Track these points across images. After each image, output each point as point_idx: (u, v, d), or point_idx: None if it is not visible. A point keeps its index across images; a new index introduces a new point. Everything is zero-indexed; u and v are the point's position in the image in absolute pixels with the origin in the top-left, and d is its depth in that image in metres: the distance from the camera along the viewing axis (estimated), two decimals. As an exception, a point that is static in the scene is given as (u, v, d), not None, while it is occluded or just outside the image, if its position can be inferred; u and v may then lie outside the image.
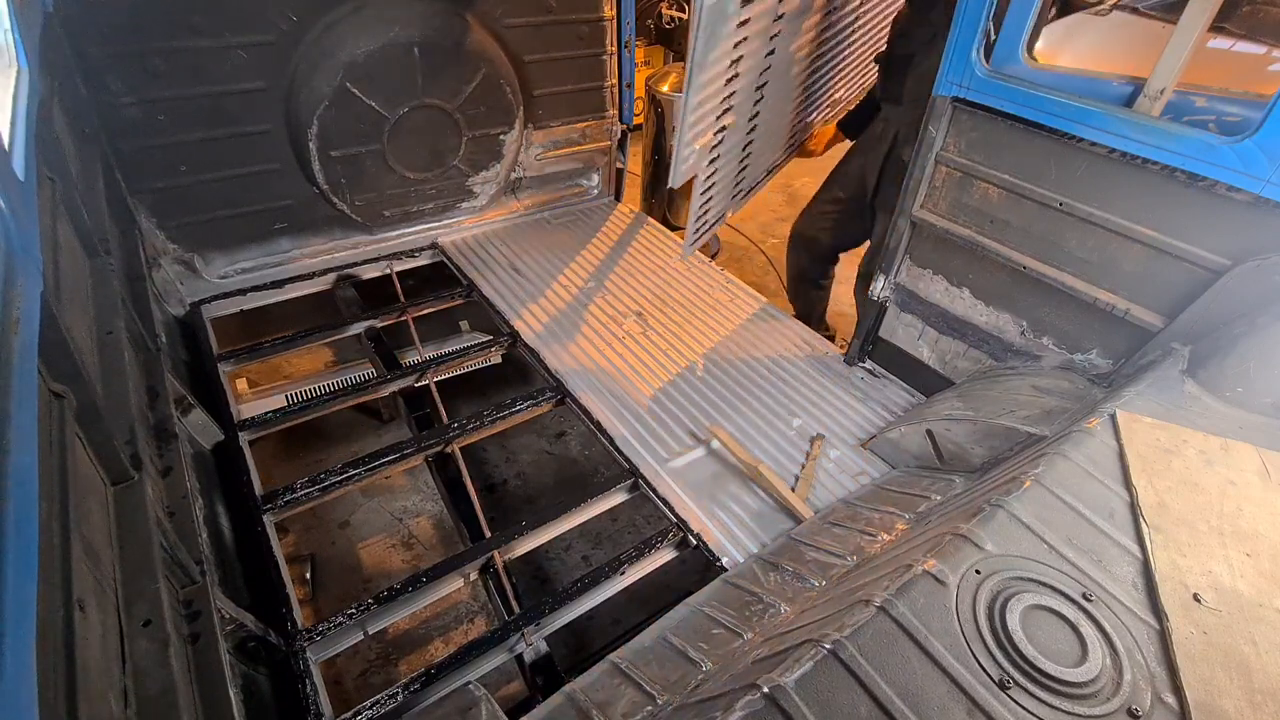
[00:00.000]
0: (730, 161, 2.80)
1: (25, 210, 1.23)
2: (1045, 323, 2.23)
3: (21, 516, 0.80)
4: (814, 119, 3.56)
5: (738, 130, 2.67)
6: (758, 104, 2.70)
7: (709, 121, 2.38)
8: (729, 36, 2.14)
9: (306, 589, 2.51)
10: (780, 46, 2.59)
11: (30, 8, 1.88)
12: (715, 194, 2.80)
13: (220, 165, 2.77)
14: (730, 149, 2.71)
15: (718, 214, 3.04)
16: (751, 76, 2.50)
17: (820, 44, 2.99)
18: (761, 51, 2.48)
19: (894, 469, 2.33)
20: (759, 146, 3.01)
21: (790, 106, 3.13)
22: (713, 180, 2.69)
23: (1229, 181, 1.70)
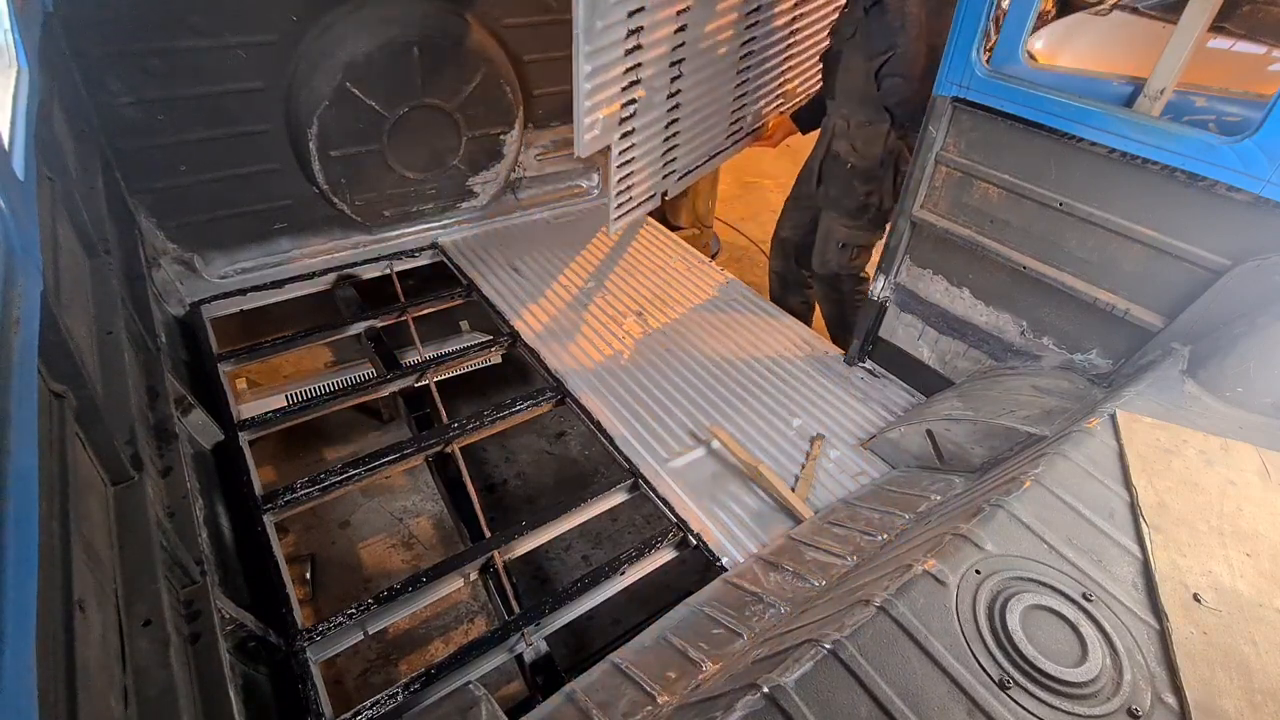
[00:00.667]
0: (652, 138, 2.84)
1: (25, 210, 1.23)
2: (1045, 323, 2.23)
3: (22, 516, 0.80)
4: (763, 108, 3.56)
5: (654, 106, 2.72)
6: (676, 80, 2.75)
7: (612, 92, 2.43)
8: (617, 5, 2.19)
9: (306, 589, 2.51)
10: (694, 23, 2.64)
11: (30, 7, 1.88)
12: (638, 169, 2.86)
13: (220, 165, 2.77)
14: (649, 124, 2.75)
15: (647, 191, 3.08)
16: (660, 50, 2.55)
17: (752, 28, 3.02)
18: (667, 26, 2.53)
19: (894, 469, 2.33)
20: (689, 126, 3.04)
21: (727, 90, 3.17)
22: (630, 155, 2.74)
23: (1229, 181, 1.70)
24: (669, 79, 2.70)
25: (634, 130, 2.67)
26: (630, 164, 2.77)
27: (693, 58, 2.75)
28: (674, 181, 3.23)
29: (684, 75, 2.76)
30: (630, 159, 2.75)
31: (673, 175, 3.19)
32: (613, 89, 2.43)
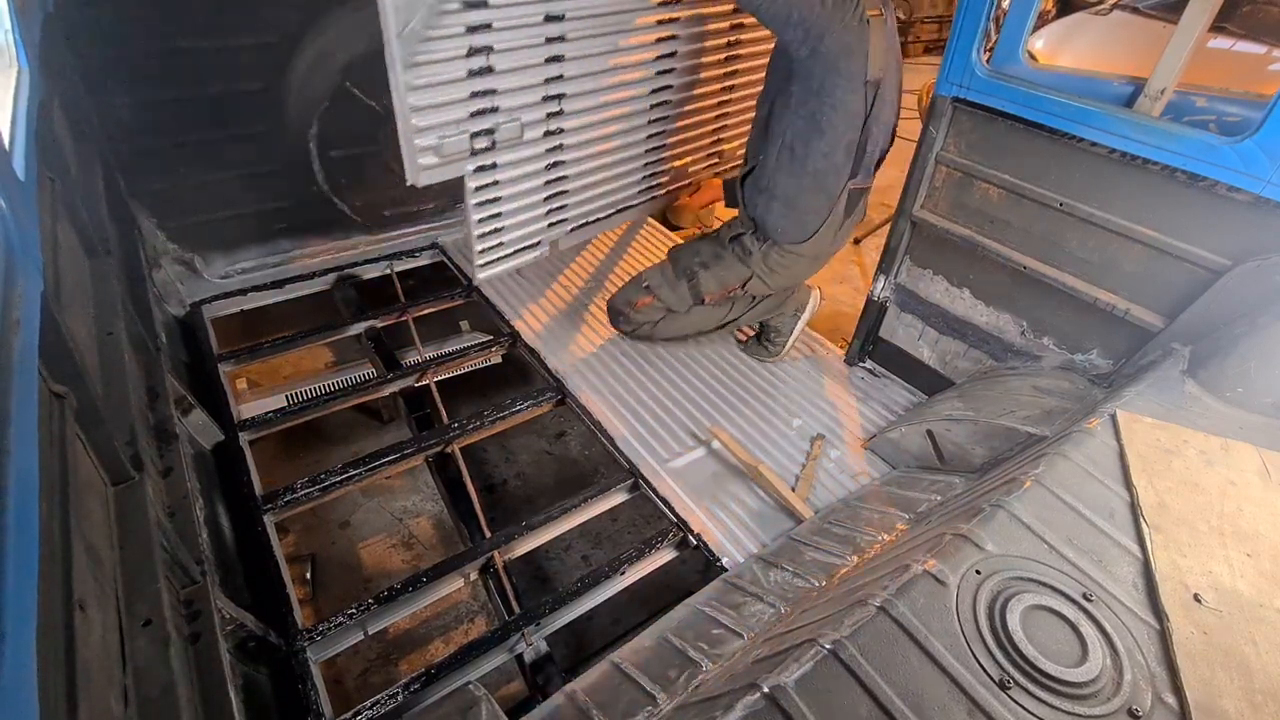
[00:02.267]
0: (527, 178, 2.52)
1: (26, 211, 1.23)
2: (1045, 323, 2.23)
3: (22, 517, 0.80)
4: (690, 164, 3.26)
5: (527, 143, 2.42)
6: (555, 117, 2.46)
7: (456, 116, 2.14)
8: (449, 14, 1.94)
9: (307, 589, 2.52)
10: (573, 56, 2.34)
11: (31, 8, 1.88)
12: (508, 211, 2.55)
13: (220, 166, 2.77)
14: (520, 161, 2.44)
15: (524, 239, 2.72)
16: (526, 80, 2.27)
17: (666, 74, 2.74)
18: (532, 53, 2.23)
19: (894, 469, 2.33)
20: (582, 172, 2.72)
21: (637, 139, 2.87)
22: (494, 194, 2.43)
23: (1229, 182, 1.70)
24: (544, 114, 2.40)
25: (496, 165, 2.36)
26: (495, 204, 2.47)
27: (579, 96, 2.48)
28: (566, 232, 2.89)
29: (566, 113, 2.48)
30: (495, 198, 2.45)
31: (562, 225, 2.85)
32: (456, 112, 2.14)
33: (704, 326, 2.73)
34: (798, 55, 2.04)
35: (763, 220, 2.37)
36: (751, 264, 2.46)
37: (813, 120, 2.14)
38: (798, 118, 2.16)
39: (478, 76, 2.12)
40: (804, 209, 2.30)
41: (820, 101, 2.10)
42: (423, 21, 1.86)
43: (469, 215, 2.40)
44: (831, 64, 2.03)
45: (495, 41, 2.10)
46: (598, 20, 2.33)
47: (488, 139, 2.25)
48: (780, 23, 1.99)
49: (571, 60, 2.36)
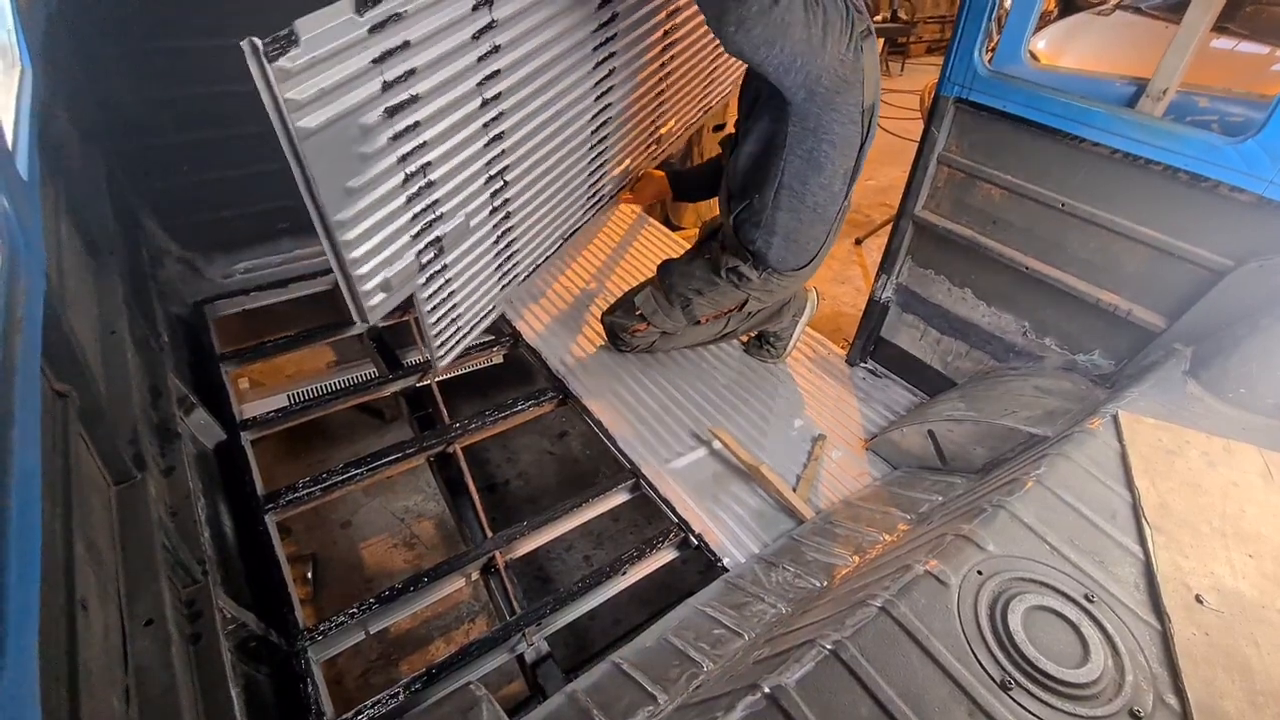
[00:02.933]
0: (476, 262, 2.20)
1: (29, 209, 1.24)
2: (1047, 323, 2.23)
3: (25, 516, 0.80)
4: (632, 163, 2.99)
5: (473, 230, 2.05)
6: (499, 192, 2.07)
7: (398, 245, 1.77)
8: (371, 144, 1.56)
9: (308, 588, 2.52)
10: (514, 119, 1.94)
11: (33, 6, 1.89)
12: (461, 299, 2.24)
13: (223, 165, 2.77)
14: (467, 251, 2.10)
15: (481, 311, 2.48)
16: (465, 172, 1.88)
17: (609, 77, 2.29)
18: (473, 143, 1.84)
19: (896, 469, 2.33)
20: (531, 225, 2.42)
21: (581, 161, 2.49)
22: (444, 292, 2.12)
23: (1232, 182, 1.69)
24: (489, 193, 2.03)
25: (445, 267, 2.03)
26: (448, 300, 2.17)
27: (522, 157, 2.07)
28: (519, 283, 2.68)
29: (510, 181, 2.09)
30: (447, 295, 2.15)
31: (514, 279, 2.60)
32: (399, 240, 1.77)
33: (701, 340, 2.75)
34: (794, 99, 1.93)
35: (762, 254, 2.33)
36: (748, 288, 2.45)
37: (810, 158, 2.07)
38: (794, 157, 2.07)
39: (417, 195, 1.75)
40: (805, 239, 2.27)
41: (818, 140, 2.02)
42: (351, 170, 1.56)
43: (422, 318, 2.08)
44: (828, 102, 1.94)
45: (429, 146, 1.70)
46: (535, 70, 1.90)
47: (435, 248, 1.92)
48: (783, 71, 1.83)
49: (512, 125, 1.95)
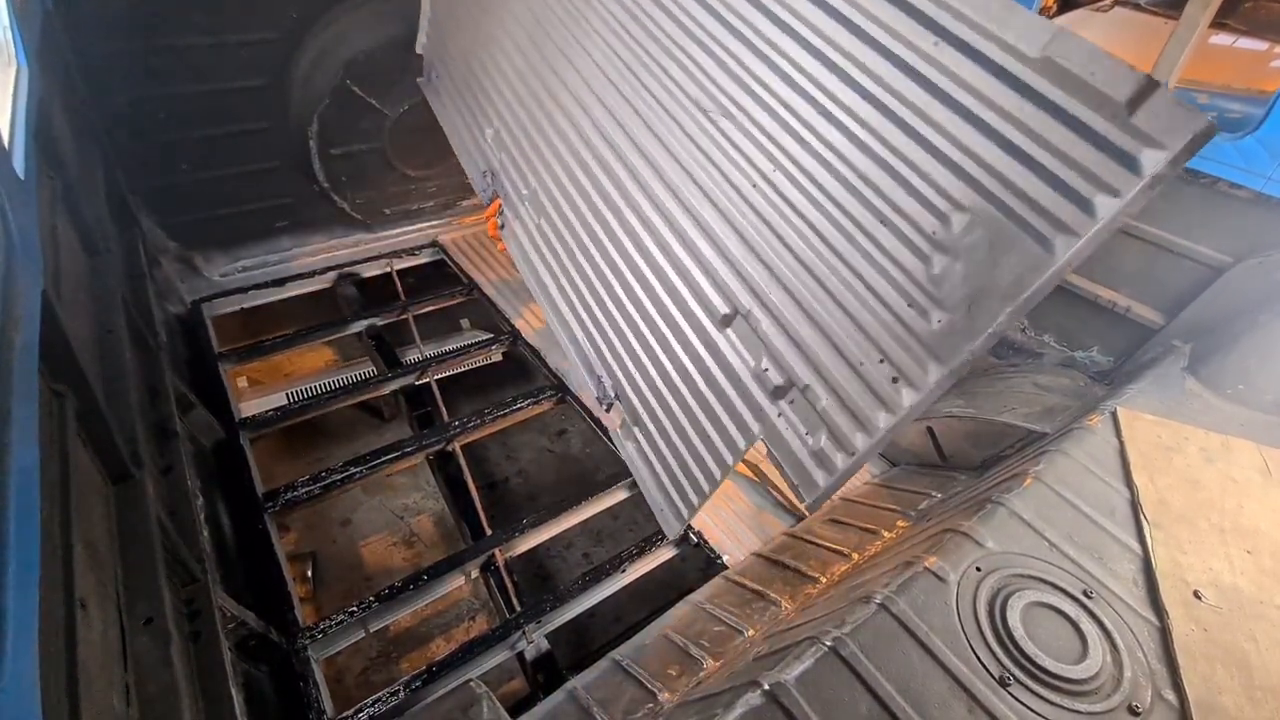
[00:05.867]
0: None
1: (26, 209, 1.23)
2: (1046, 320, 2.23)
3: (23, 515, 0.80)
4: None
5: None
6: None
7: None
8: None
9: (308, 587, 2.52)
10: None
11: (30, 6, 1.88)
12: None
13: (221, 163, 2.77)
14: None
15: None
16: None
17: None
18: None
19: (895, 466, 2.33)
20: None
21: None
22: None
23: (1230, 178, 1.69)
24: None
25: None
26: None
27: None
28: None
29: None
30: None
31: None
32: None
33: None
34: None
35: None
36: None
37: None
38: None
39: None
40: None
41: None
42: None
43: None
44: None
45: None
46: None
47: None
48: None
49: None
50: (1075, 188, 0.93)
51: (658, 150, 1.61)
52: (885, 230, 1.19)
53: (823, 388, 1.33)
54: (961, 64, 1.03)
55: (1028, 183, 0.98)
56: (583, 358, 1.85)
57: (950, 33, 1.04)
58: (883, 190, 1.18)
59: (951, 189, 1.07)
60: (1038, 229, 0.97)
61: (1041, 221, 0.97)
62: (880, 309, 1.21)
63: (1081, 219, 0.92)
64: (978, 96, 1.03)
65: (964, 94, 1.04)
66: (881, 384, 1.23)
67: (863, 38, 1.18)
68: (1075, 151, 0.93)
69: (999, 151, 1.01)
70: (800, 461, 1.37)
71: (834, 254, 1.27)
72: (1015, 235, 1.00)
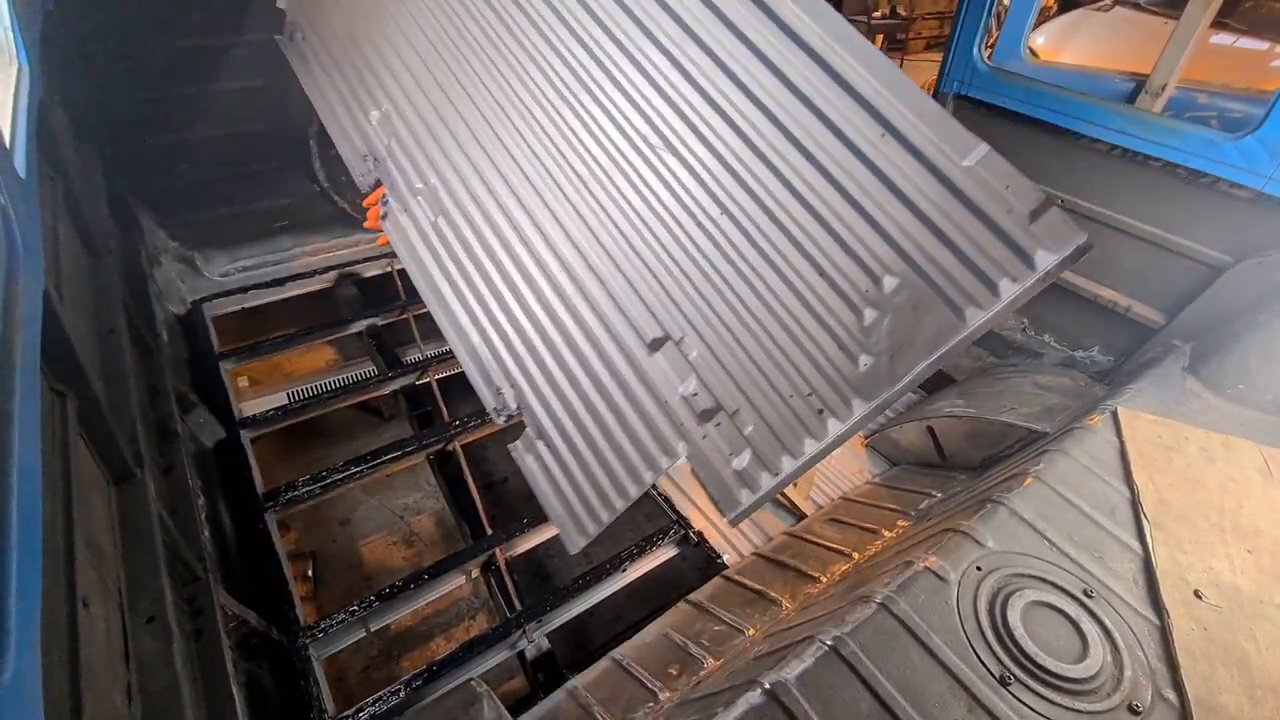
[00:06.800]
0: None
1: (28, 209, 1.23)
2: (1046, 320, 2.23)
3: (26, 515, 0.80)
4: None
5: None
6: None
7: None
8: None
9: (309, 586, 2.52)
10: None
11: (31, 6, 1.88)
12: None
13: (221, 163, 2.77)
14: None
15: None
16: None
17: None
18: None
19: (895, 466, 2.33)
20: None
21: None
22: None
23: (1231, 178, 1.69)
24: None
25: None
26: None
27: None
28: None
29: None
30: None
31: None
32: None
33: None
34: None
35: None
36: None
37: None
38: None
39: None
40: None
41: None
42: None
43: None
44: None
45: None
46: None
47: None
48: None
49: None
50: (985, 271, 1.13)
51: (597, 169, 1.60)
52: (822, 282, 1.32)
53: (751, 414, 1.41)
54: (903, 156, 1.20)
55: (949, 261, 1.17)
56: (479, 368, 1.77)
57: (897, 130, 1.20)
58: (822, 248, 1.31)
59: (884, 256, 1.24)
60: (954, 300, 1.16)
61: (957, 294, 1.16)
62: (812, 349, 1.34)
63: (988, 297, 1.13)
64: (914, 185, 1.20)
65: (902, 180, 1.20)
66: (808, 415, 1.34)
67: (820, 118, 1.29)
68: (987, 243, 1.14)
69: (928, 232, 1.20)
70: (724, 480, 1.44)
71: (772, 295, 1.37)
72: (935, 302, 1.18)
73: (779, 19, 1.32)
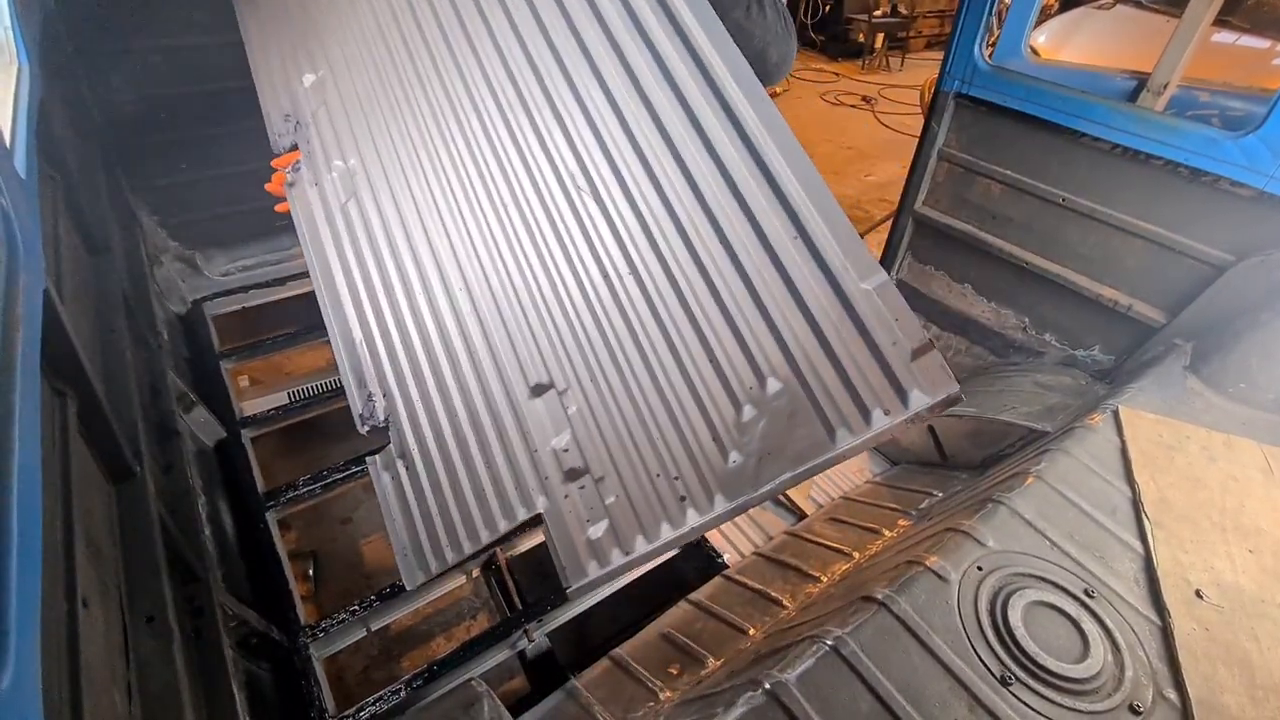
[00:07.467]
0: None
1: (27, 208, 1.23)
2: (1047, 319, 2.23)
3: (25, 514, 0.80)
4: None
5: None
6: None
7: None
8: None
9: (309, 585, 2.52)
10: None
11: (31, 4, 1.88)
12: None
13: (222, 162, 2.77)
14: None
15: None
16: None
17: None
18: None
19: (896, 465, 2.33)
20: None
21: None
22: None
23: (1232, 177, 1.69)
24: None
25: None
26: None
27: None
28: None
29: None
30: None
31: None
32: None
33: None
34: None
35: None
36: None
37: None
38: None
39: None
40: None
41: None
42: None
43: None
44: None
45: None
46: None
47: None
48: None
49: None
50: (863, 397, 1.12)
51: (514, 198, 1.55)
52: (710, 367, 1.29)
53: (616, 484, 1.37)
54: (810, 264, 1.19)
55: (831, 379, 1.16)
56: (354, 366, 1.64)
57: (810, 236, 1.19)
58: (718, 332, 1.29)
59: (774, 357, 1.22)
60: (829, 417, 1.14)
61: (833, 412, 1.14)
62: (688, 432, 1.30)
63: (860, 423, 1.11)
64: (814, 295, 1.18)
65: (805, 287, 1.19)
66: (671, 499, 1.30)
67: (740, 204, 1.28)
68: (870, 370, 1.12)
69: (818, 345, 1.18)
70: (575, 548, 1.38)
71: (661, 369, 1.34)
72: (811, 416, 1.17)
73: (721, 95, 1.30)
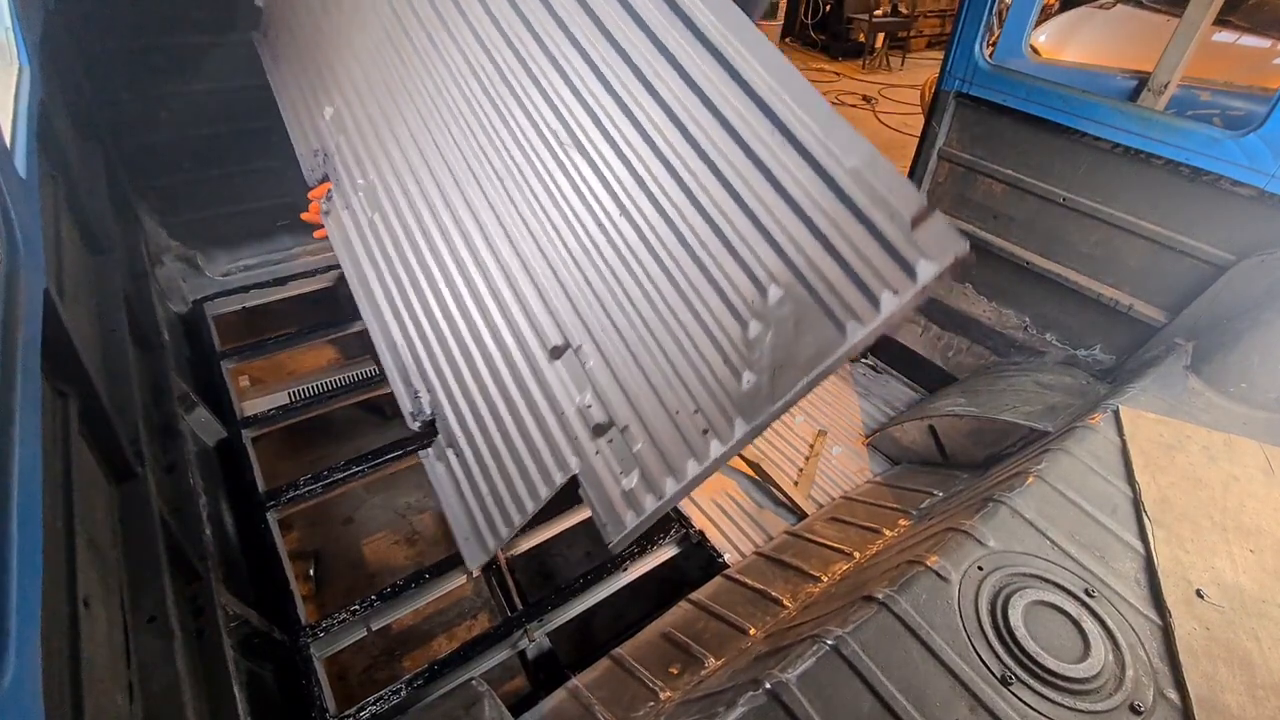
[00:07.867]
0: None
1: (28, 208, 1.24)
2: (1048, 318, 2.23)
3: (26, 514, 0.81)
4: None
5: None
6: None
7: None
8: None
9: (310, 585, 2.52)
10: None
11: (32, 5, 1.88)
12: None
13: (223, 162, 2.77)
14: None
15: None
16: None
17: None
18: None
19: (896, 465, 2.33)
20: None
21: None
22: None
23: (1233, 176, 1.69)
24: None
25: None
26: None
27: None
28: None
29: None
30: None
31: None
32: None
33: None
34: None
35: None
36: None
37: None
38: None
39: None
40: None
41: None
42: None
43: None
44: None
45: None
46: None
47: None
48: None
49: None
50: (867, 283, 1.06)
51: (507, 168, 1.58)
52: (711, 290, 1.27)
53: (640, 430, 1.37)
54: (792, 157, 1.13)
55: (832, 271, 1.10)
56: (400, 368, 1.72)
57: (786, 127, 1.14)
58: (712, 253, 1.26)
59: (770, 264, 1.18)
60: (835, 314, 1.10)
61: (839, 307, 1.10)
62: (700, 363, 1.28)
63: (869, 310, 1.06)
64: (802, 189, 1.13)
65: (791, 183, 1.14)
66: (693, 434, 1.28)
67: (713, 111, 1.24)
68: (870, 252, 1.07)
69: (812, 239, 1.13)
70: (611, 501, 1.39)
71: (665, 304, 1.34)
72: (817, 315, 1.12)
73: (682, 12, 1.26)
